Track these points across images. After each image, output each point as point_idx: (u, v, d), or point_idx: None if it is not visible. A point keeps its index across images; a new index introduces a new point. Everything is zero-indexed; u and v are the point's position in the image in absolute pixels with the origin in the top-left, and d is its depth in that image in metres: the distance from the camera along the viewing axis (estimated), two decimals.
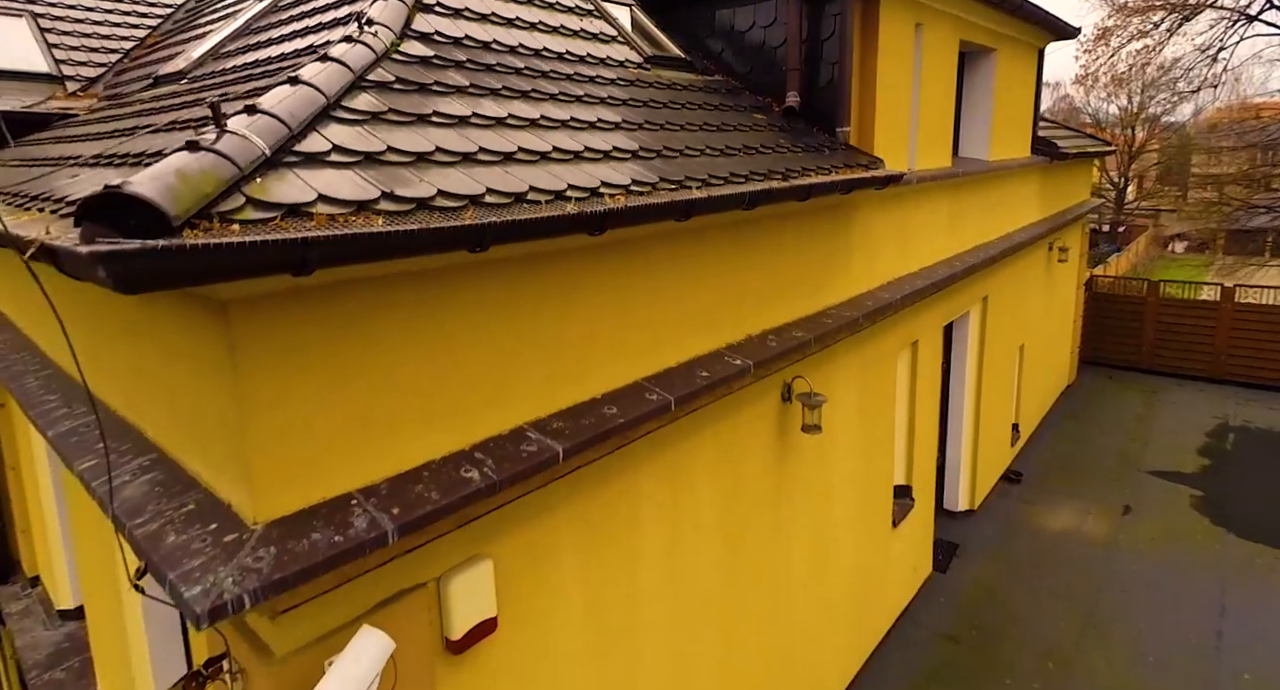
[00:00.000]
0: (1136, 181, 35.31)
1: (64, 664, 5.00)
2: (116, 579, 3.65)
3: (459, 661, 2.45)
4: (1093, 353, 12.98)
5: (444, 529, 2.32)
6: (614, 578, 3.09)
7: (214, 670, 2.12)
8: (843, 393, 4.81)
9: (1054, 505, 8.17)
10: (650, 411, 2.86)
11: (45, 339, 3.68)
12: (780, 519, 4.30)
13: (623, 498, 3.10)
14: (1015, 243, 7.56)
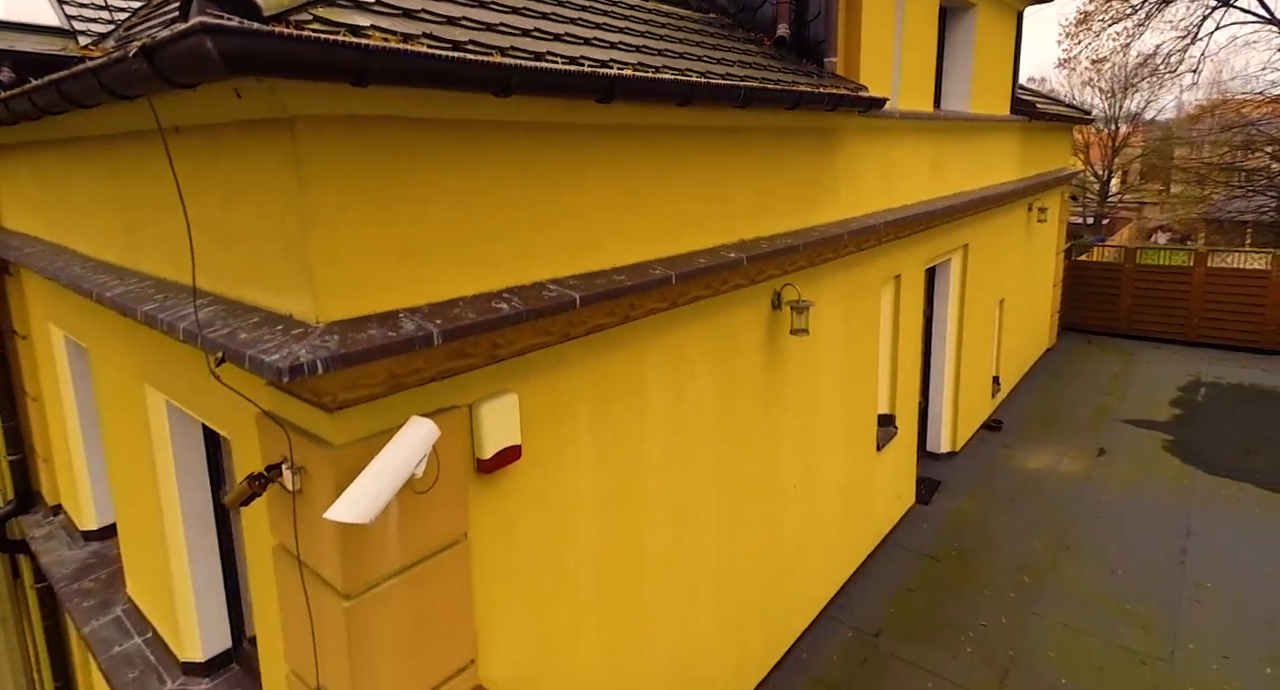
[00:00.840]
0: (1121, 175, 35.95)
1: (91, 576, 5.23)
2: (155, 482, 3.93)
3: (487, 483, 2.74)
4: (1072, 319, 13.41)
5: (476, 361, 2.60)
6: (622, 439, 3.38)
7: (274, 472, 2.39)
8: (828, 314, 5.13)
9: (1032, 449, 8.54)
10: (655, 281, 3.16)
11: (81, 240, 3.91)
12: (771, 420, 4.61)
13: (630, 367, 3.39)
14: (995, 194, 7.91)
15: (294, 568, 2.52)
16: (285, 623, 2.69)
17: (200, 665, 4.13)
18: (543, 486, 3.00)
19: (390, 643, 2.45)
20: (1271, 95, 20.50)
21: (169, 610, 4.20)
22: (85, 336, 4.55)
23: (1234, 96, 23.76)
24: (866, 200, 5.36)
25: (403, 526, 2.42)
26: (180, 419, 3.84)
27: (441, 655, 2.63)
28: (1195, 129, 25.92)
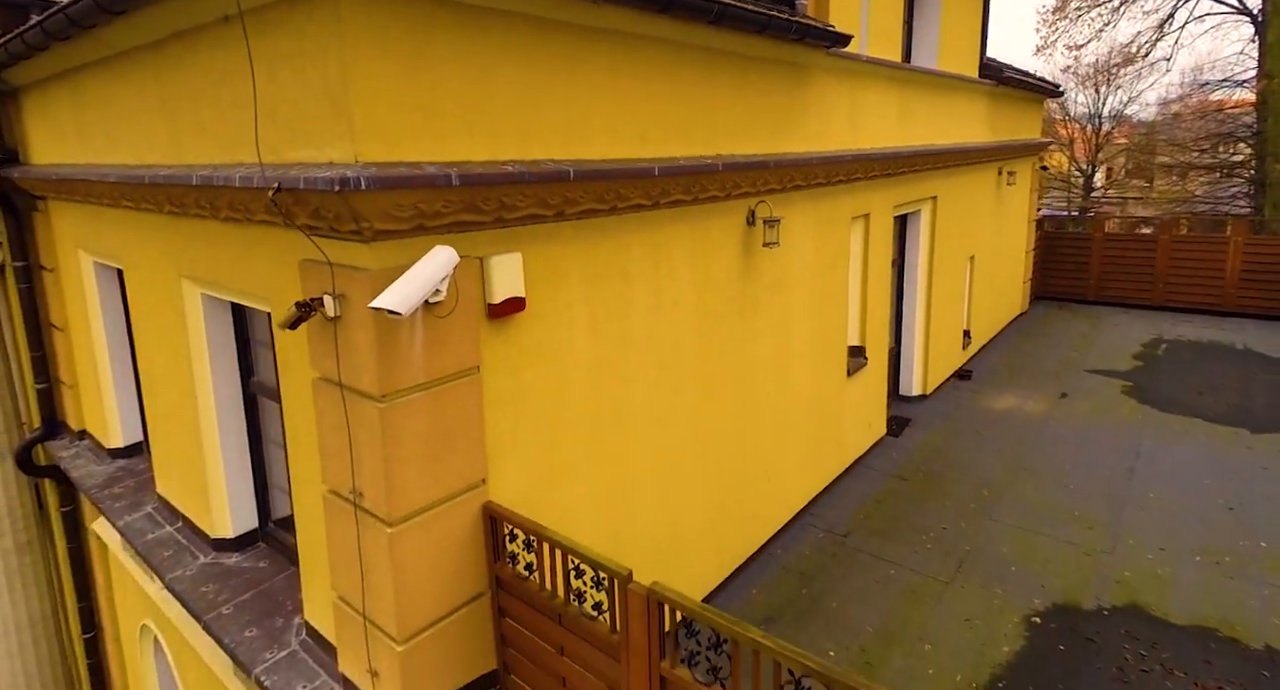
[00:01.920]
0: (1105, 171, 36.73)
1: (120, 484, 5.65)
2: (190, 374, 4.35)
3: (496, 329, 3.19)
4: (1044, 288, 13.97)
5: (486, 219, 3.05)
6: (610, 314, 3.85)
7: (318, 302, 2.84)
8: (799, 239, 5.61)
9: (999, 393, 9.07)
10: (638, 170, 3.63)
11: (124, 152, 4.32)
12: (745, 327, 5.08)
13: (617, 254, 3.85)
14: (962, 150, 8.42)
15: (334, 391, 2.96)
16: (324, 446, 3.14)
17: (230, 541, 4.56)
18: (542, 340, 3.46)
19: (416, 448, 2.90)
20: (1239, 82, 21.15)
21: (200, 495, 4.63)
22: (119, 251, 4.95)
23: (1211, 91, 24.40)
24: (834, 137, 5.84)
25: (426, 348, 2.87)
26: (214, 309, 4.27)
27: (458, 468, 3.08)
28: (1178, 126, 26.62)
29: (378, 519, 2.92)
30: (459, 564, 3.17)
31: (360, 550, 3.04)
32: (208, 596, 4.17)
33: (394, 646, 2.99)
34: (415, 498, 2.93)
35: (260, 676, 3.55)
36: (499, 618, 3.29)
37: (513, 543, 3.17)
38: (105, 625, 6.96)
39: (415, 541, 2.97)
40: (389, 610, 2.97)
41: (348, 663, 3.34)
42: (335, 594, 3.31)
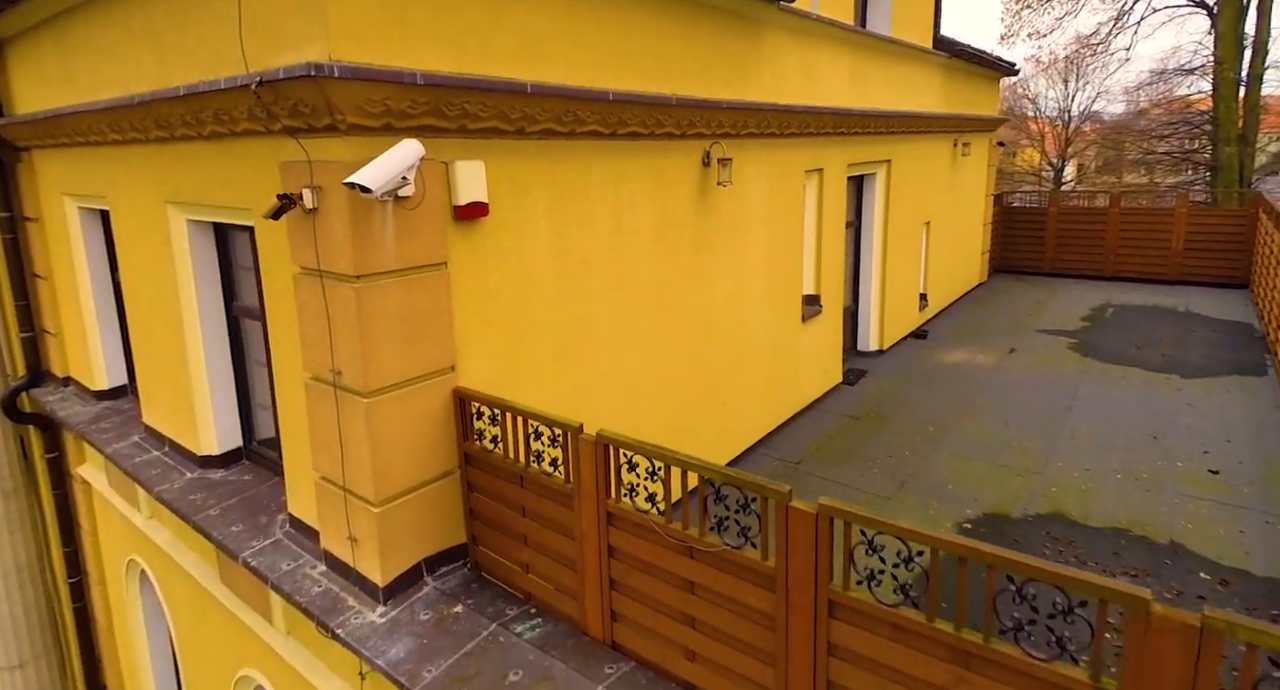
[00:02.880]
0: (1076, 165, 37.75)
1: (106, 421, 5.88)
2: (176, 298, 4.62)
3: (462, 231, 3.52)
4: (1003, 261, 14.54)
5: (451, 126, 3.37)
6: (572, 231, 4.18)
7: (297, 195, 3.15)
8: (754, 185, 5.99)
9: (952, 349, 9.56)
10: (595, 93, 3.98)
11: (110, 87, 4.57)
12: (702, 264, 5.45)
13: (578, 177, 4.20)
14: (916, 116, 8.86)
15: (314, 281, 3.28)
16: (304, 336, 3.45)
17: (216, 458, 4.85)
18: (507, 249, 3.79)
19: (389, 328, 3.22)
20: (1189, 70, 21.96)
21: (186, 416, 4.90)
22: (106, 189, 5.18)
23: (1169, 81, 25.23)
24: (788, 91, 6.22)
25: (398, 238, 3.19)
26: (198, 234, 4.55)
27: (429, 353, 3.41)
28: (1143, 118, 27.48)
29: (355, 393, 3.24)
30: (431, 442, 3.50)
31: (340, 427, 3.36)
32: (195, 502, 4.46)
33: (371, 510, 3.32)
34: (389, 374, 3.26)
35: (247, 559, 3.85)
36: (468, 493, 3.62)
37: (479, 420, 3.51)
38: (90, 570, 7.17)
39: (389, 415, 3.30)
40: (366, 478, 3.30)
41: (329, 538, 3.66)
42: (317, 475, 3.63)
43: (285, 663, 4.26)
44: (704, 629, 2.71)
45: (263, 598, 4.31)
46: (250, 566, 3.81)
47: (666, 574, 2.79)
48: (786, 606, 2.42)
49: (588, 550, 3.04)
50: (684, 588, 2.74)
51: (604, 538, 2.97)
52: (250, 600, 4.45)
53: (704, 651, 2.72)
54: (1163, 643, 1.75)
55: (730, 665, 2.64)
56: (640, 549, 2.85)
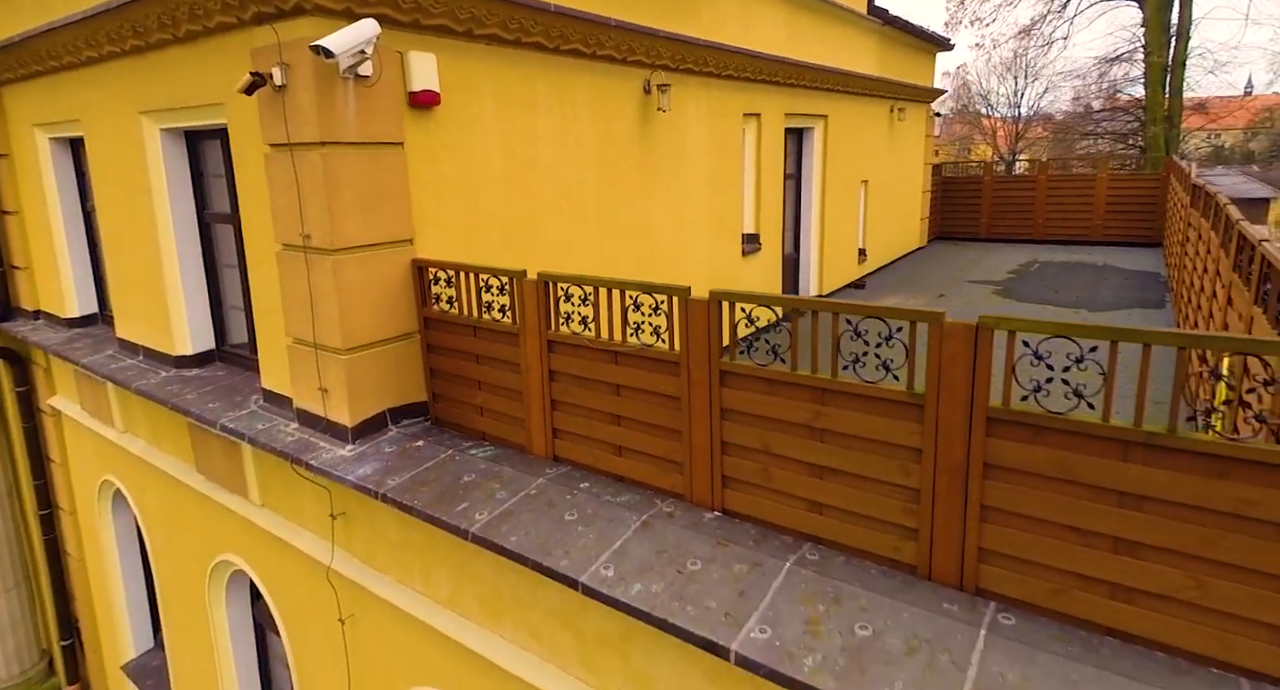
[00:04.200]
0: (1028, 158, 39.36)
1: (79, 342, 6.13)
2: (150, 207, 4.95)
3: (417, 119, 3.96)
4: (943, 228, 15.40)
5: (405, 19, 3.81)
6: (518, 134, 4.64)
7: (267, 73, 3.56)
8: (693, 121, 6.51)
9: (886, 295, 10.25)
10: (537, 4, 4.44)
11: None
12: (645, 187, 5.96)
13: (525, 86, 4.66)
14: (850, 76, 9.51)
15: (284, 156, 3.69)
16: (275, 209, 3.85)
17: (190, 358, 5.19)
18: (457, 141, 4.24)
19: (352, 195, 3.65)
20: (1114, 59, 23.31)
21: (161, 321, 5.23)
22: (80, 110, 5.47)
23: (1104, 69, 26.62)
24: (725, 32, 6.76)
25: (358, 114, 3.62)
26: (171, 143, 4.89)
27: (388, 223, 3.84)
28: (1083, 106, 28.89)
29: (323, 252, 3.66)
30: (392, 305, 3.93)
31: (310, 287, 3.78)
32: (172, 391, 4.80)
33: (340, 358, 3.74)
34: (353, 235, 3.68)
35: (225, 424, 4.23)
36: (428, 354, 4.06)
37: (436, 286, 3.95)
38: (61, 502, 7.37)
39: (354, 275, 3.73)
40: (335, 330, 3.72)
41: (300, 396, 4.06)
42: (289, 339, 4.03)
43: (261, 533, 4.64)
44: (628, 424, 3.21)
45: (239, 474, 4.68)
46: (228, 429, 4.19)
47: (597, 383, 3.28)
48: (689, 384, 2.94)
49: (531, 380, 3.51)
50: (612, 391, 3.24)
51: (545, 364, 3.45)
52: (226, 481, 4.82)
53: (628, 443, 3.22)
54: (954, 346, 2.31)
55: (648, 449, 3.15)
56: (576, 366, 3.34)
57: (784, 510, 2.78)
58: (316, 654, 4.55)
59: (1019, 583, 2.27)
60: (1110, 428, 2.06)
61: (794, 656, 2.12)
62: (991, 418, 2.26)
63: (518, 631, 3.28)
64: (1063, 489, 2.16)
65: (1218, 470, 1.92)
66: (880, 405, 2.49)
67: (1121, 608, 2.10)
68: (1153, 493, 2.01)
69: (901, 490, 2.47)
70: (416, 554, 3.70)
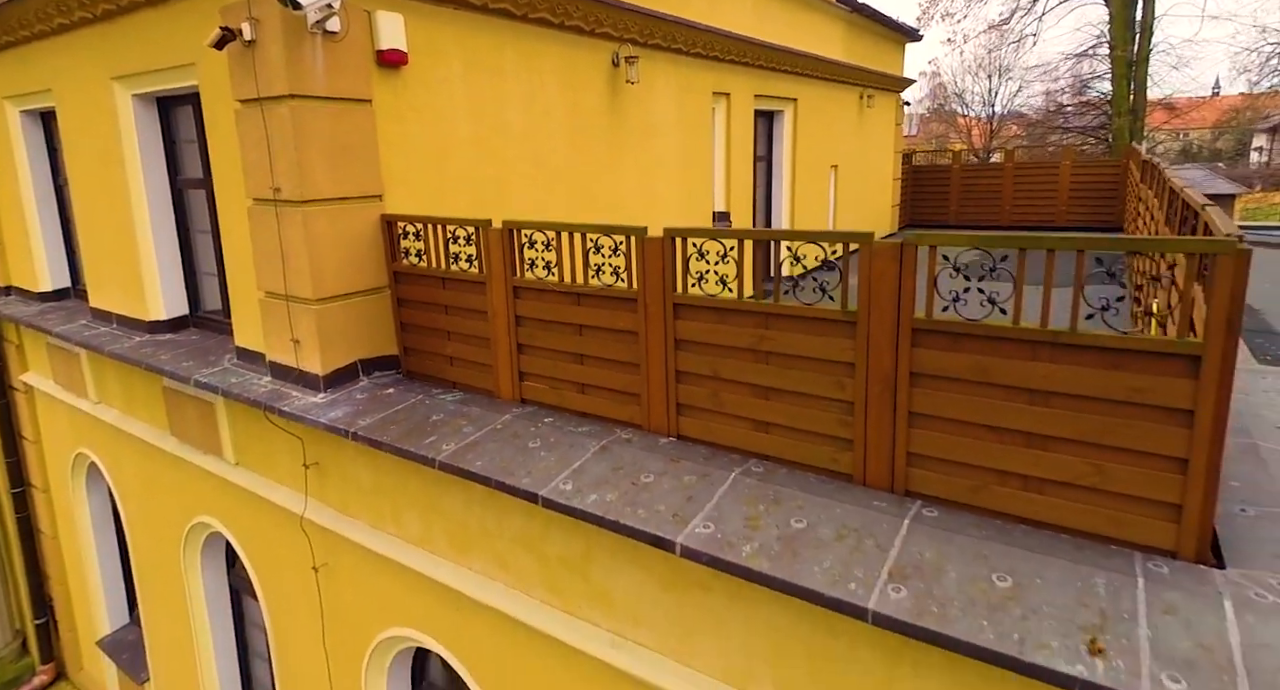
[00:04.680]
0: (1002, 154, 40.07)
1: (51, 313, 6.15)
2: (124, 176, 5.01)
3: (383, 76, 4.07)
4: (913, 216, 15.72)
5: None
6: (486, 99, 4.77)
7: (237, 28, 3.65)
8: (662, 97, 6.67)
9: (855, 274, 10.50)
10: None
11: None
12: (615, 160, 6.10)
13: (492, 53, 4.78)
14: (819, 60, 9.73)
15: (254, 111, 3.78)
16: (246, 164, 3.95)
17: (164, 323, 5.25)
18: (425, 102, 4.36)
19: (320, 148, 3.76)
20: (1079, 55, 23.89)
21: (134, 288, 5.28)
22: (51, 79, 5.50)
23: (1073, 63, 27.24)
24: (692, 9, 6.92)
25: (327, 70, 3.73)
26: (143, 110, 4.95)
27: (357, 178, 3.95)
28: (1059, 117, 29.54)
29: (293, 204, 3.76)
30: (362, 259, 4.04)
31: (281, 240, 3.88)
32: (147, 354, 4.86)
33: (311, 308, 3.85)
34: (322, 188, 3.79)
35: (199, 379, 4.32)
36: (398, 309, 4.17)
37: (405, 240, 4.07)
38: (34, 480, 7.36)
39: (324, 226, 3.83)
40: (305, 281, 3.82)
41: (273, 349, 4.16)
42: (261, 293, 4.13)
43: (236, 491, 4.73)
44: (590, 362, 3.36)
45: (213, 434, 4.76)
46: (202, 384, 4.27)
47: (561, 325, 3.42)
48: (645, 318, 3.10)
49: (498, 326, 3.65)
50: (575, 332, 3.39)
51: (511, 310, 3.59)
52: (201, 442, 4.89)
53: (591, 380, 3.37)
54: (881, 263, 2.49)
55: (609, 384, 3.30)
56: (540, 310, 3.48)
57: (733, 431, 2.94)
58: (291, 607, 4.64)
59: (943, 482, 2.45)
60: (1020, 330, 2.25)
61: (734, 545, 2.28)
62: (916, 329, 2.44)
63: (485, 562, 3.42)
64: (980, 391, 2.34)
65: (1112, 363, 2.11)
66: (818, 325, 2.67)
67: (1034, 498, 2.29)
68: (1058, 388, 2.20)
69: (837, 404, 2.64)
70: (388, 497, 3.82)
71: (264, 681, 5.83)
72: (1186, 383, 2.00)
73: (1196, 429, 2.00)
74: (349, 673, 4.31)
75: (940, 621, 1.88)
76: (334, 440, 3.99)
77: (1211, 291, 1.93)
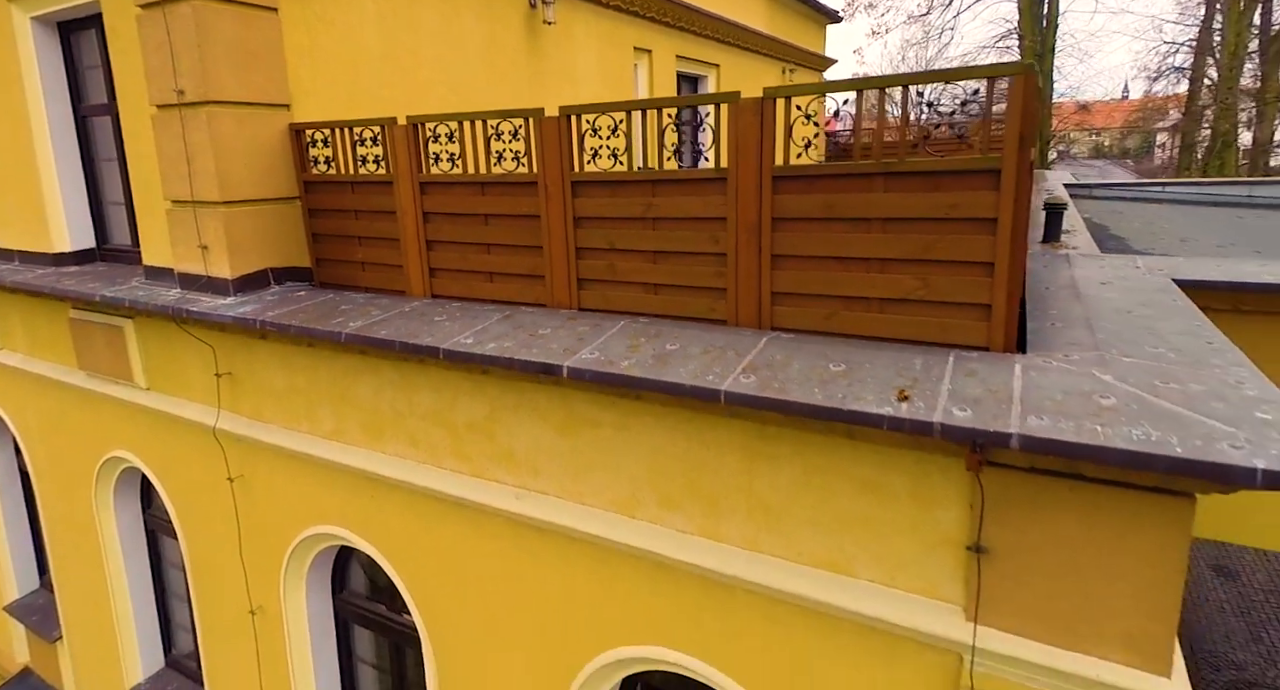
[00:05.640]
0: None
1: None
2: (24, 103, 4.88)
3: None
4: None
5: None
6: (397, 21, 4.85)
7: None
8: (583, 45, 6.87)
9: None
10: None
11: None
12: (536, 95, 6.24)
13: None
14: (740, 27, 10.11)
15: (156, 13, 3.80)
16: (149, 69, 3.95)
17: (69, 255, 5.15)
18: (336, 14, 4.43)
19: (224, 50, 3.80)
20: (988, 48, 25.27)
21: (37, 222, 5.16)
22: None
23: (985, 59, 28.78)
24: None
25: None
26: (43, 32, 4.85)
27: (263, 85, 4.01)
28: None
29: (197, 105, 3.79)
30: (271, 167, 4.09)
31: (186, 144, 3.90)
32: (50, 282, 4.76)
33: (218, 209, 3.89)
34: (227, 90, 3.84)
35: (105, 295, 4.28)
36: (310, 220, 4.24)
37: (314, 148, 4.14)
38: None
39: (230, 128, 3.88)
40: (212, 183, 3.86)
41: (181, 259, 4.16)
42: (168, 203, 4.13)
43: (149, 416, 4.69)
44: (496, 251, 3.53)
45: (122, 359, 4.71)
46: (108, 298, 4.24)
47: (468, 217, 3.57)
48: (546, 199, 3.29)
49: (407, 224, 3.77)
50: (481, 222, 3.55)
51: (419, 207, 3.72)
52: (111, 369, 4.82)
53: (498, 268, 3.53)
54: (745, 118, 2.75)
55: (515, 269, 3.48)
56: (447, 204, 3.62)
57: (628, 296, 3.16)
58: (208, 527, 4.64)
59: (801, 315, 2.73)
60: (858, 164, 2.54)
61: (614, 363, 2.50)
62: (776, 177, 2.71)
63: (398, 443, 3.55)
64: (829, 227, 2.62)
65: (933, 185, 2.42)
66: (696, 185, 2.91)
67: (875, 317, 2.59)
68: (892, 213, 2.50)
69: (714, 257, 2.90)
70: (301, 396, 3.89)
71: (184, 623, 5.75)
72: (990, 195, 2.32)
73: (999, 234, 2.32)
74: (269, 583, 4.35)
75: (780, 393, 2.14)
76: (245, 347, 4.04)
77: (1006, 110, 2.26)
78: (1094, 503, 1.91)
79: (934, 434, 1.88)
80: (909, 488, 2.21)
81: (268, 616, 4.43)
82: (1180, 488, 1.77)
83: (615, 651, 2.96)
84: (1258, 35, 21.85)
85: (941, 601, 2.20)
